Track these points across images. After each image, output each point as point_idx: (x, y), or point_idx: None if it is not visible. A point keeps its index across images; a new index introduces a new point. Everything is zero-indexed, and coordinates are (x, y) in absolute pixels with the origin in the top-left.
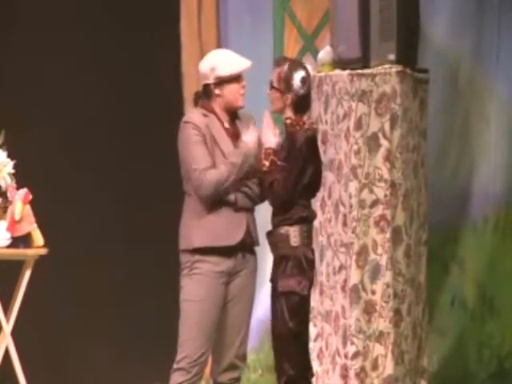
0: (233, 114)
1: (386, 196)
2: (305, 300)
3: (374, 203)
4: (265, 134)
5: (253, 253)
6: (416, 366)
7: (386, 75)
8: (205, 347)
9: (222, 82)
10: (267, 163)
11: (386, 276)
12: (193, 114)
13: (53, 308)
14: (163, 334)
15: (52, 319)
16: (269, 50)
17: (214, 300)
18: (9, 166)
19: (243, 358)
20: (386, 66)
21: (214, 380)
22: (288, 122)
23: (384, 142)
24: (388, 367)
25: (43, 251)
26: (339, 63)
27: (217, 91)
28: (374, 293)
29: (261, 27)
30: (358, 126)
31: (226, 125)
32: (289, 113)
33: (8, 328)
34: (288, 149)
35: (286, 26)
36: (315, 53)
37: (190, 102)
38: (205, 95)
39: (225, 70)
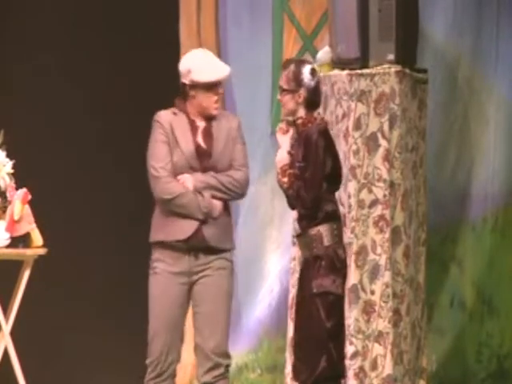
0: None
1: (385, 196)
2: (340, 299)
3: (373, 203)
4: (279, 152)
5: (217, 252)
6: (415, 366)
7: (385, 75)
8: (161, 346)
9: (196, 86)
10: (286, 179)
11: (385, 276)
12: (162, 112)
13: (52, 308)
14: None
15: (51, 319)
16: (268, 50)
17: (172, 300)
18: (8, 165)
19: (224, 355)
20: (385, 65)
21: (199, 381)
22: (299, 121)
23: (383, 142)
24: (387, 367)
25: (42, 251)
26: (338, 63)
27: (192, 93)
28: (373, 293)
29: (260, 27)
30: (357, 125)
31: (201, 123)
32: (301, 112)
33: (7, 328)
34: (304, 147)
35: (285, 26)
36: (314, 53)
37: None
38: (182, 93)
39: (200, 76)
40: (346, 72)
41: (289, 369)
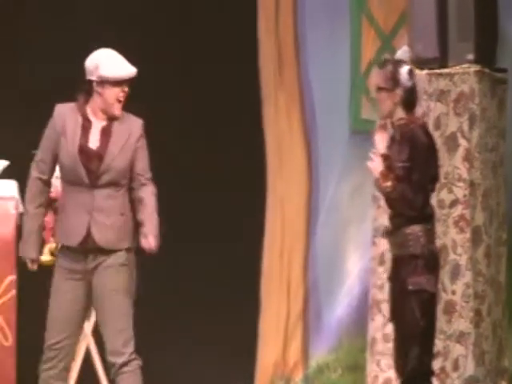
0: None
1: (465, 196)
2: (434, 297)
3: (453, 203)
4: (374, 161)
5: (111, 252)
6: (497, 367)
7: (465, 75)
8: (54, 339)
9: (104, 82)
10: (390, 183)
11: (466, 276)
12: (60, 105)
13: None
14: (244, 334)
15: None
16: (346, 50)
17: (64, 295)
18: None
19: (115, 353)
20: (465, 65)
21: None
22: (402, 122)
23: (463, 142)
24: (469, 368)
25: None
26: (417, 63)
27: (98, 90)
28: (454, 293)
29: (338, 28)
30: (437, 125)
31: (99, 124)
32: (400, 113)
33: (89, 327)
34: (410, 147)
35: (364, 26)
36: (393, 52)
37: (266, 100)
38: (86, 90)
39: (109, 72)
40: (425, 72)
41: (370, 368)
